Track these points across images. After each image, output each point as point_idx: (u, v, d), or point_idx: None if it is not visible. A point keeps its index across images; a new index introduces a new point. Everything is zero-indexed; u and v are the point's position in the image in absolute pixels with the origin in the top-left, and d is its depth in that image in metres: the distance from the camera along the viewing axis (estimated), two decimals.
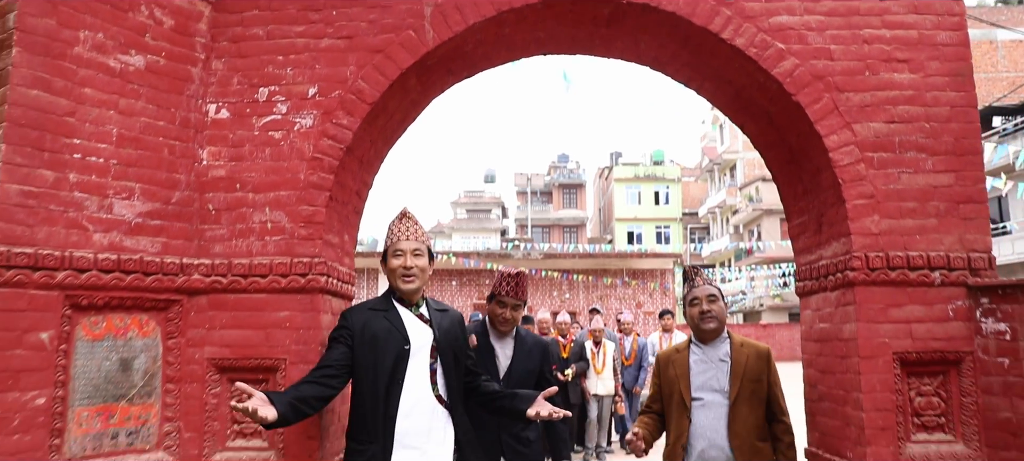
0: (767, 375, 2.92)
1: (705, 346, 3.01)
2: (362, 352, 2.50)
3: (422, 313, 2.64)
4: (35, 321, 2.42)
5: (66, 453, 2.49)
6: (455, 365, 2.63)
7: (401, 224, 2.66)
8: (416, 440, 2.48)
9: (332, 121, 2.93)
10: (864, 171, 2.87)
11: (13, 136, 2.40)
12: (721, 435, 2.87)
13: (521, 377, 3.36)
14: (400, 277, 2.58)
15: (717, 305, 2.97)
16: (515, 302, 3.33)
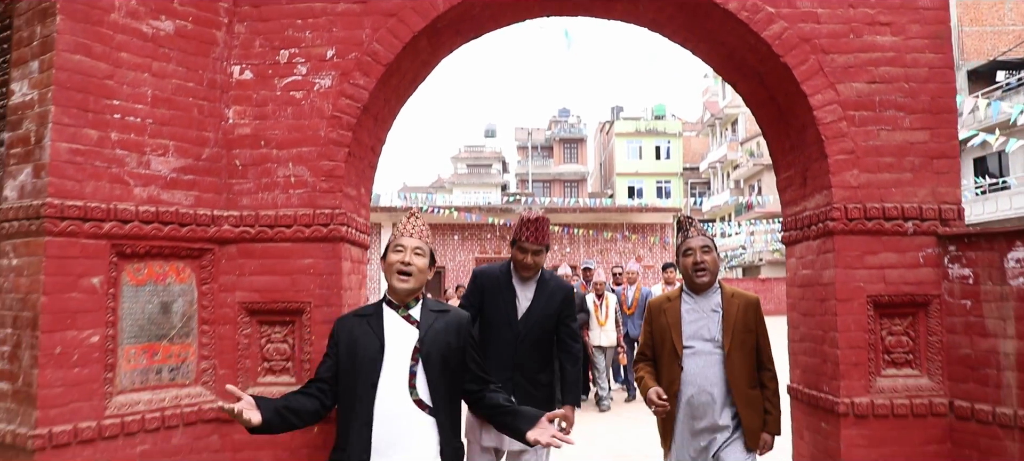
0: (756, 325, 3.03)
1: (697, 296, 3.09)
2: (343, 358, 2.50)
3: (411, 314, 2.57)
4: (87, 267, 2.67)
5: (118, 386, 2.76)
6: (443, 368, 2.51)
7: (409, 220, 2.65)
8: (389, 448, 2.40)
9: (349, 81, 3.13)
10: (846, 128, 3.08)
11: (61, 98, 2.61)
12: (710, 382, 2.98)
13: (539, 322, 3.37)
14: (396, 273, 2.53)
15: (710, 256, 3.04)
16: (536, 248, 3.32)
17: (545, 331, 3.41)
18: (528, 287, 3.41)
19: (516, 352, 3.34)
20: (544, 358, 3.44)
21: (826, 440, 3.13)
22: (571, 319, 3.51)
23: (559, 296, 3.43)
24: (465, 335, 2.61)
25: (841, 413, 3.01)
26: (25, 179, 2.65)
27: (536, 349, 3.39)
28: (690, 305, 3.10)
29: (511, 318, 3.36)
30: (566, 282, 3.62)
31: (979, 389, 2.89)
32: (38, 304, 2.53)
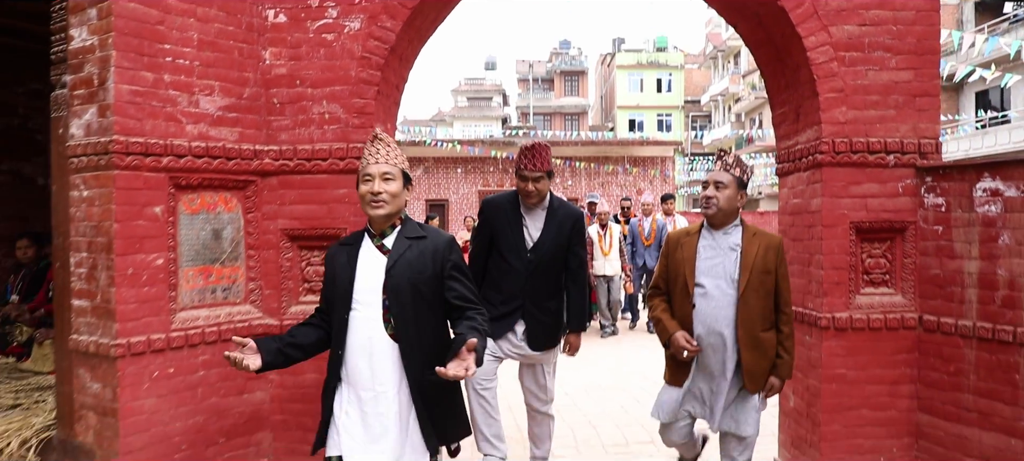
0: (777, 267, 2.95)
1: (715, 232, 3.02)
2: (328, 288, 2.50)
3: (384, 243, 2.46)
4: (150, 198, 2.97)
5: (180, 303, 3.10)
6: (415, 300, 2.40)
7: (372, 147, 2.50)
8: (368, 380, 2.38)
9: (377, 24, 3.36)
10: (836, 68, 3.34)
11: (120, 43, 2.86)
12: (721, 322, 2.94)
13: (549, 251, 3.40)
14: (368, 203, 2.42)
15: (722, 191, 2.94)
16: (536, 174, 3.31)
17: (556, 260, 3.45)
18: (537, 217, 3.43)
19: (527, 282, 3.40)
20: (554, 286, 3.48)
21: (809, 351, 3.50)
22: (580, 247, 3.52)
23: (569, 224, 3.45)
24: (442, 260, 2.45)
25: (823, 327, 3.37)
26: (91, 118, 2.92)
27: (546, 278, 3.44)
28: (708, 241, 3.04)
29: (520, 249, 3.39)
30: (576, 208, 3.59)
31: (945, 305, 3.24)
32: (111, 230, 2.85)
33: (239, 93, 3.29)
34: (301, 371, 3.33)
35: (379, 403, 2.37)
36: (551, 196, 3.50)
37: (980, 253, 3.08)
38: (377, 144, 2.50)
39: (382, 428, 2.36)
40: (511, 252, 3.43)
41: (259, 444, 3.38)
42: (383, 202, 2.41)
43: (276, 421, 3.43)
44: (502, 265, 3.45)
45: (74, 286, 3.01)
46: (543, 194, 3.41)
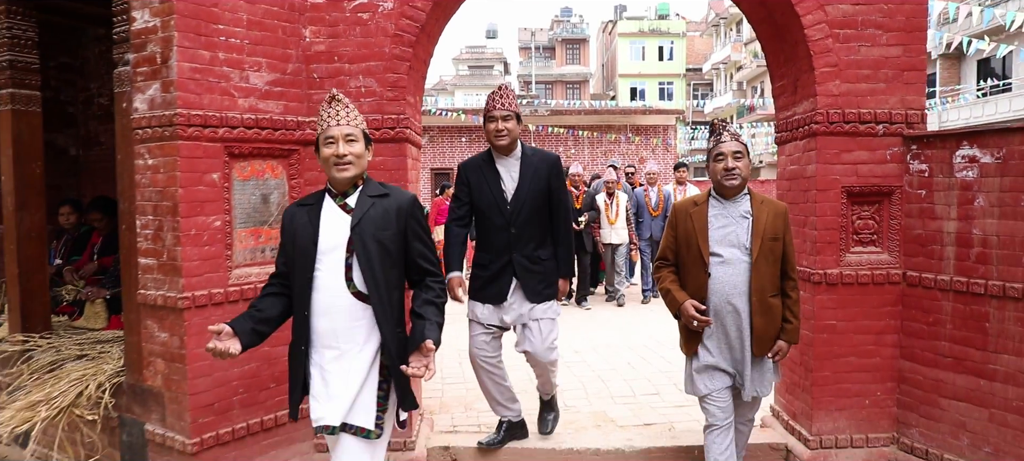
0: (784, 233, 3.04)
1: (726, 201, 3.07)
2: (289, 249, 2.50)
3: (347, 202, 2.47)
4: (208, 166, 3.28)
5: (235, 261, 3.43)
6: (382, 257, 2.42)
7: (331, 108, 2.49)
8: (331, 339, 2.41)
9: (409, 4, 3.64)
10: (831, 45, 3.63)
11: (181, 25, 3.15)
12: (736, 290, 3.00)
13: (529, 198, 3.44)
14: (333, 165, 2.43)
15: (743, 162, 3.00)
16: (504, 112, 3.38)
17: (537, 207, 3.49)
18: (511, 166, 3.48)
19: (511, 235, 3.46)
20: (540, 235, 3.54)
21: (803, 305, 3.83)
22: (561, 190, 3.56)
23: (545, 168, 3.47)
24: (405, 217, 2.48)
25: (816, 282, 3.71)
26: (154, 93, 3.23)
27: (530, 227, 3.49)
28: (718, 210, 3.08)
29: (499, 201, 3.44)
30: (550, 153, 3.65)
31: (926, 261, 3.57)
32: (176, 195, 3.17)
33: (283, 69, 3.59)
34: None
35: (342, 361, 2.40)
36: (523, 145, 3.54)
37: (958, 214, 3.41)
38: (336, 105, 2.49)
39: (342, 385, 2.38)
40: (491, 208, 3.50)
41: None
42: (348, 164, 2.42)
43: None
44: (485, 223, 3.55)
45: (140, 246, 3.34)
46: (513, 135, 3.44)
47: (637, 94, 46.54)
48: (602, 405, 4.77)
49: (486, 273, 3.55)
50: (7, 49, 4.08)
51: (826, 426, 3.75)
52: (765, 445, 3.97)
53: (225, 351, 2.29)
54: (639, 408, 4.68)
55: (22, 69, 4.13)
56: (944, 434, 3.52)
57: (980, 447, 3.36)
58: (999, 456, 3.28)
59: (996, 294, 3.25)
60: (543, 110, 20.12)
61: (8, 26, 4.07)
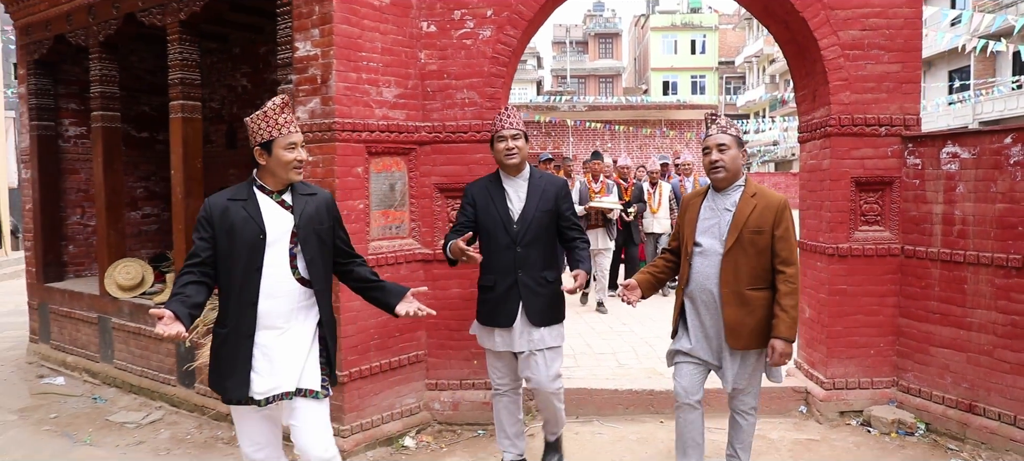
0: (773, 226, 3.04)
1: (717, 194, 3.17)
2: (221, 242, 2.63)
3: (284, 199, 2.72)
4: (355, 161, 4.28)
5: (371, 236, 4.43)
6: (320, 247, 2.74)
7: (287, 114, 2.73)
8: (276, 321, 2.64)
9: (503, 32, 4.60)
10: (843, 63, 4.50)
11: (339, 54, 4.15)
12: (710, 281, 3.11)
13: (536, 219, 3.45)
14: (293, 168, 2.69)
15: (727, 154, 3.07)
16: (513, 132, 3.45)
17: (543, 228, 3.48)
18: (519, 186, 3.50)
19: (516, 254, 3.46)
20: (547, 257, 3.53)
21: (819, 273, 4.73)
22: (570, 212, 3.58)
23: (552, 191, 3.50)
24: (333, 212, 2.85)
25: (830, 255, 4.59)
26: (315, 106, 4.23)
27: (536, 247, 3.49)
28: (709, 203, 3.21)
29: (506, 220, 3.45)
30: (558, 177, 3.67)
31: (919, 237, 4.44)
32: (334, 184, 4.17)
33: (405, 84, 4.57)
34: (447, 286, 4.64)
35: (284, 337, 2.65)
36: (531, 167, 3.60)
37: (943, 199, 4.27)
38: (289, 112, 2.74)
39: (288, 359, 2.65)
40: (497, 226, 3.51)
41: (419, 338, 4.74)
42: (302, 169, 2.75)
43: (429, 323, 4.76)
44: (491, 243, 3.56)
45: None
46: (523, 154, 3.50)
47: (669, 88, 46.99)
48: (651, 363, 5.69)
49: (492, 295, 3.55)
50: (178, 69, 5.14)
51: (838, 372, 4.64)
52: (788, 389, 4.87)
53: (177, 335, 2.45)
54: None
55: (189, 85, 5.19)
56: (933, 376, 4.39)
57: (960, 384, 4.23)
58: (974, 389, 4.15)
59: (972, 262, 4.12)
60: (581, 106, 21.00)
61: (180, 51, 5.13)
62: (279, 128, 2.67)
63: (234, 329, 2.62)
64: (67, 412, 5.42)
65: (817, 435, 4.43)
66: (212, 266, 2.66)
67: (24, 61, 6.80)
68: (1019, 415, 3.92)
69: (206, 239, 2.65)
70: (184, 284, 2.60)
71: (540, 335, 3.49)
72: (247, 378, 2.62)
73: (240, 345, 2.62)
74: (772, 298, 3.08)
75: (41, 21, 6.35)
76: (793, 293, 3.04)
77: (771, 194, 3.15)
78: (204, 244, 2.65)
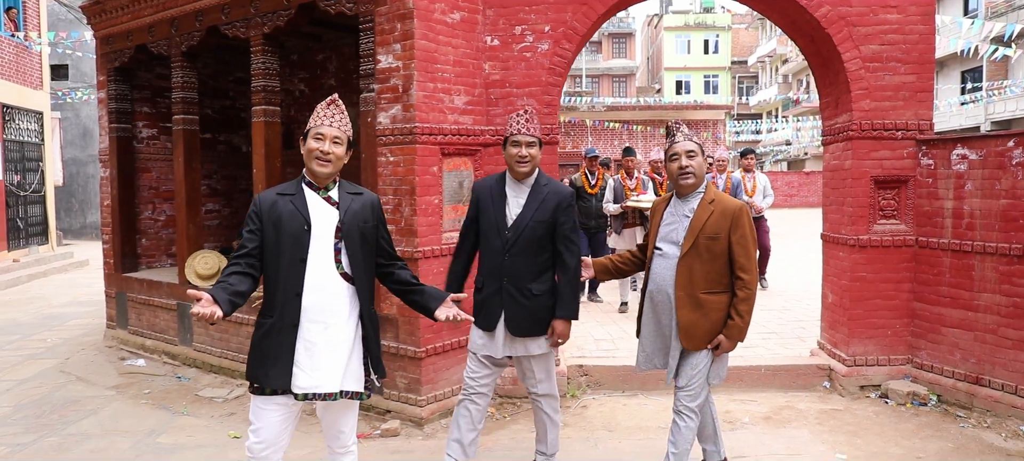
0: (729, 232, 3.09)
1: (679, 200, 3.26)
2: (268, 234, 2.68)
3: (330, 196, 2.77)
4: (431, 161, 4.84)
5: (444, 227, 4.99)
6: (362, 244, 2.77)
7: (329, 109, 2.78)
8: (320, 315, 2.67)
9: (560, 46, 5.16)
10: (864, 74, 5.03)
11: (419, 66, 4.71)
12: (667, 283, 3.19)
13: (529, 228, 3.32)
14: (315, 158, 2.70)
15: (695, 160, 3.15)
16: (529, 138, 3.33)
17: (536, 238, 3.34)
18: (521, 192, 3.39)
19: (504, 261, 3.35)
20: (537, 268, 3.38)
21: (841, 262, 5.27)
22: (568, 227, 3.38)
23: (553, 201, 3.33)
24: (378, 214, 2.87)
25: (851, 245, 5.13)
26: (396, 112, 4.80)
27: (526, 257, 3.35)
28: (672, 208, 3.29)
29: (501, 226, 3.36)
30: (565, 187, 3.49)
31: (932, 230, 4.97)
32: (414, 181, 4.73)
33: (472, 93, 5.14)
34: None
35: (328, 333, 2.68)
36: (540, 173, 3.46)
37: (953, 195, 4.80)
38: (333, 108, 2.79)
39: (330, 356, 2.68)
40: (492, 230, 3.42)
41: None
42: (329, 161, 2.72)
43: None
44: (485, 245, 3.49)
45: None
46: (535, 162, 3.39)
47: (683, 87, 47.39)
48: None
49: (480, 296, 3.51)
50: (261, 78, 5.73)
51: (859, 350, 5.17)
52: (813, 366, 5.41)
53: (211, 315, 2.46)
54: None
55: (270, 91, 5.77)
56: (944, 353, 4.92)
57: (968, 359, 4.76)
58: (980, 363, 4.68)
59: (979, 251, 4.65)
60: (600, 106, 21.55)
61: (262, 61, 5.71)
62: (317, 119, 2.77)
63: (280, 318, 2.67)
64: (157, 389, 6.02)
65: (840, 406, 4.97)
66: (258, 258, 2.70)
67: (104, 68, 7.42)
68: (1020, 385, 4.45)
69: (254, 232, 2.70)
70: (229, 274, 2.65)
71: (524, 344, 3.42)
72: (290, 369, 2.65)
73: (285, 335, 2.66)
74: (729, 302, 3.14)
75: (122, 32, 6.95)
76: (748, 300, 3.11)
77: (729, 201, 3.20)
78: (251, 237, 2.70)
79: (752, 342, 6.25)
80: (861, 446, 4.25)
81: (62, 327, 8.81)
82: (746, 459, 4.10)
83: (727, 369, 3.38)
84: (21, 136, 14.32)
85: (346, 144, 2.80)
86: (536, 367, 3.50)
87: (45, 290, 11.99)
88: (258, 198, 2.76)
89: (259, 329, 2.71)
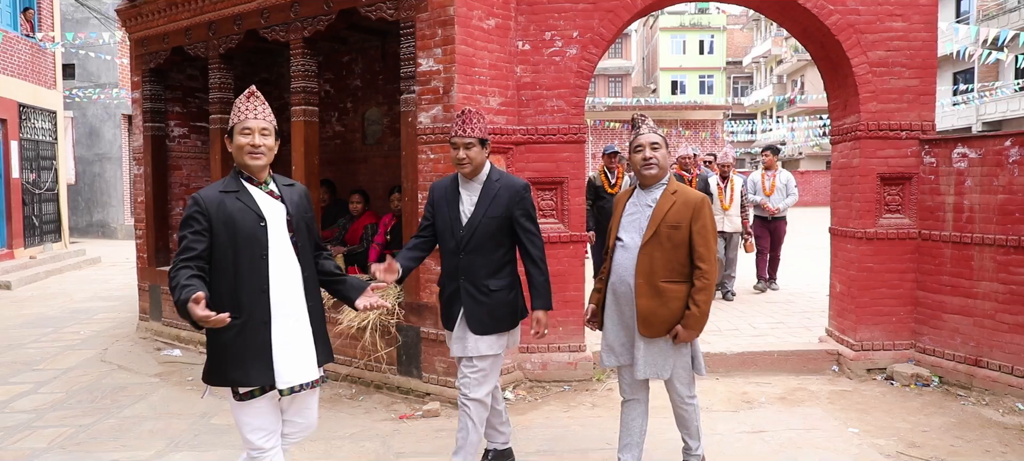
0: (690, 221, 3.12)
1: (642, 191, 3.29)
2: (219, 233, 2.60)
3: (272, 190, 2.74)
4: None
5: None
6: (309, 236, 2.81)
7: (249, 102, 2.70)
8: (291, 309, 2.68)
9: (587, 51, 5.50)
10: (871, 79, 5.39)
11: (459, 70, 5.04)
12: (628, 273, 3.21)
13: (483, 225, 3.33)
14: (247, 153, 2.64)
15: (659, 152, 3.20)
16: (466, 140, 3.31)
17: (490, 234, 3.35)
18: (474, 190, 3.40)
19: (460, 260, 3.37)
20: (494, 264, 3.40)
21: (849, 253, 5.64)
22: (527, 218, 3.40)
23: (505, 196, 3.35)
24: (309, 202, 2.90)
25: (858, 238, 5.49)
26: (437, 112, 5.12)
27: (482, 254, 3.37)
28: (634, 199, 3.33)
29: (455, 225, 3.38)
30: (517, 180, 3.49)
31: (934, 223, 5.34)
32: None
33: (505, 94, 5.48)
34: None
35: (299, 324, 2.73)
36: (492, 169, 3.46)
37: (954, 191, 5.18)
38: (253, 101, 2.72)
39: (301, 348, 2.73)
40: (446, 230, 3.45)
41: None
42: (261, 154, 2.67)
43: None
44: (442, 246, 3.52)
45: (420, 211, 5.24)
46: (476, 164, 3.37)
47: (678, 87, 47.85)
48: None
49: (443, 296, 3.56)
50: (301, 79, 6.05)
51: (866, 336, 5.54)
52: (822, 352, 5.77)
53: (220, 320, 2.37)
54: (749, 335, 6.51)
55: (309, 92, 6.09)
56: (945, 338, 5.30)
57: (967, 343, 5.14)
58: (979, 346, 5.06)
59: (978, 243, 5.02)
60: (600, 106, 21.95)
61: (302, 64, 6.03)
62: (240, 115, 2.70)
63: (250, 317, 2.63)
64: (198, 376, 6.32)
65: (849, 387, 5.34)
66: (206, 261, 2.61)
67: (138, 70, 7.72)
68: (1017, 366, 4.83)
69: (201, 233, 2.59)
70: (189, 277, 2.50)
71: (473, 343, 3.40)
72: (270, 364, 2.64)
73: (259, 332, 2.64)
74: (689, 292, 3.17)
75: (158, 35, 7.25)
76: (706, 290, 3.14)
77: (690, 192, 3.25)
78: (200, 238, 2.59)
79: (762, 331, 6.63)
80: (871, 422, 4.62)
81: (90, 320, 9.09)
82: (767, 432, 4.46)
83: (704, 363, 3.44)
84: (36, 135, 14.56)
85: (274, 134, 2.76)
86: (473, 368, 3.42)
87: (64, 286, 12.25)
88: (200, 198, 2.65)
89: (226, 331, 2.53)
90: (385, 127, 7.64)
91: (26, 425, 5.01)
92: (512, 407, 5.21)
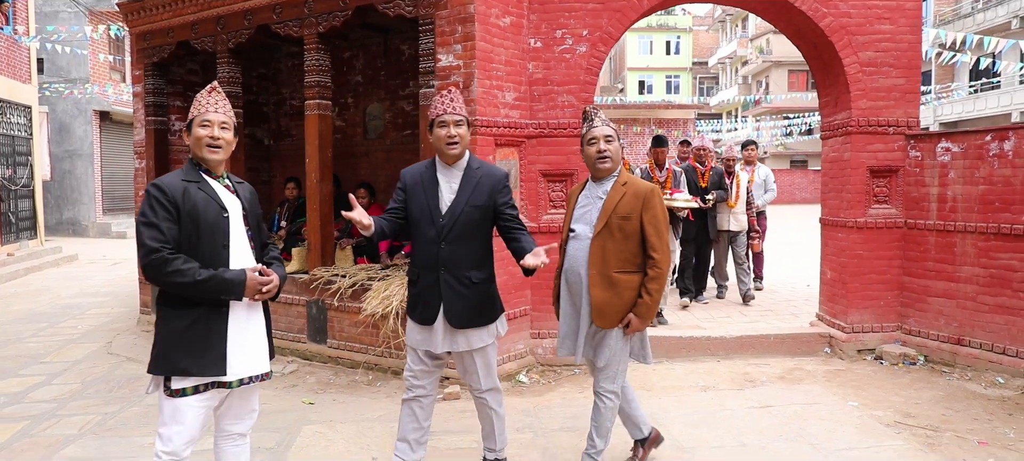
0: (641, 212, 3.14)
1: (594, 184, 3.32)
2: (185, 223, 2.59)
3: (227, 184, 2.78)
4: (488, 150, 5.39)
5: None
6: (259, 230, 2.85)
7: (211, 97, 2.73)
8: (243, 301, 2.68)
9: (596, 48, 5.77)
10: (861, 77, 5.77)
11: (479, 65, 5.26)
12: (580, 263, 3.25)
13: (465, 213, 3.19)
14: (206, 146, 2.65)
15: (613, 145, 3.22)
16: (457, 117, 3.20)
17: (473, 223, 3.22)
18: (454, 177, 3.25)
19: (441, 249, 3.20)
20: (476, 255, 3.27)
21: (839, 242, 6.01)
22: (509, 205, 3.31)
23: (487, 184, 3.25)
24: (258, 202, 2.93)
25: (849, 227, 5.87)
26: None
27: (464, 244, 3.23)
28: (586, 192, 3.37)
29: (434, 213, 3.20)
30: (498, 168, 3.41)
31: (919, 213, 5.74)
32: None
33: (519, 90, 5.71)
34: (550, 253, 5.79)
35: (254, 315, 2.76)
36: (471, 156, 3.36)
37: (938, 183, 5.58)
38: (214, 95, 2.75)
39: (255, 338, 2.75)
40: (424, 217, 3.25)
41: (526, 295, 5.88)
42: (219, 147, 2.68)
43: (533, 283, 5.89)
44: (417, 234, 3.31)
45: None
46: (464, 143, 3.27)
47: (645, 87, 48.55)
48: (695, 321, 6.92)
49: (415, 289, 3.34)
50: (315, 74, 6.19)
51: (856, 319, 5.92)
52: (815, 335, 6.14)
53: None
54: (742, 322, 6.85)
55: (322, 87, 6.23)
56: (929, 320, 5.70)
57: (950, 324, 5.55)
58: (961, 327, 5.47)
59: (960, 230, 5.43)
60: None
61: (316, 59, 6.17)
62: (201, 107, 2.72)
63: (209, 305, 2.62)
64: None
65: (842, 367, 5.71)
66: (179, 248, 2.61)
67: (140, 64, 7.75)
68: (995, 343, 5.24)
69: (172, 222, 2.58)
70: (183, 259, 2.57)
71: (466, 337, 3.26)
72: (223, 355, 2.62)
73: (217, 322, 2.63)
74: (641, 282, 3.20)
75: (162, 29, 7.30)
76: (658, 279, 3.17)
77: (640, 183, 3.26)
78: (172, 226, 2.58)
79: (753, 319, 6.97)
80: (867, 396, 4.98)
81: (83, 316, 9.05)
82: (773, 407, 4.78)
83: (651, 352, 3.49)
84: (12, 130, 14.30)
85: (233, 129, 2.78)
86: (478, 362, 3.35)
87: (46, 283, 12.09)
88: (165, 185, 2.62)
89: (182, 319, 2.58)
90: (387, 122, 7.80)
91: (51, 414, 5.07)
92: (529, 389, 5.45)
